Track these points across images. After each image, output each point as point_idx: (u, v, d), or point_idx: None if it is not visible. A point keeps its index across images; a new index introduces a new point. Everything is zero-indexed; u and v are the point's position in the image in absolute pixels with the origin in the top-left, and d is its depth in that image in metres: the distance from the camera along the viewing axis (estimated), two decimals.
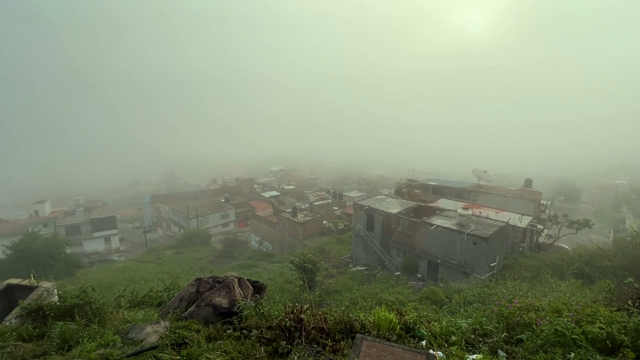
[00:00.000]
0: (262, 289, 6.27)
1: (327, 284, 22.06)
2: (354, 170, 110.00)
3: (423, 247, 24.87)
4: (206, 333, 4.44)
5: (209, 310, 4.99)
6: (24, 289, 6.50)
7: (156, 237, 54.98)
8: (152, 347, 3.94)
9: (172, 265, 31.62)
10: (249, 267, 30.39)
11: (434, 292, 15.96)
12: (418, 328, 4.70)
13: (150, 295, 7.82)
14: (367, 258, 29.13)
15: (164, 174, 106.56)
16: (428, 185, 39.43)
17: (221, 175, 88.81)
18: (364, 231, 29.05)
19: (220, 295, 5.23)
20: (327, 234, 41.41)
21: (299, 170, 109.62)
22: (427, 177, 43.79)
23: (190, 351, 3.93)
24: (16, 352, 4.34)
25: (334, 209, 50.91)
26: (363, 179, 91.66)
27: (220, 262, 34.63)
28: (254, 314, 4.76)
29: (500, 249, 23.07)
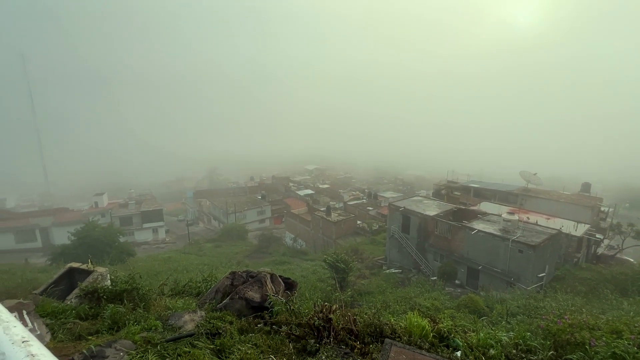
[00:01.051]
0: (294, 285, 6.35)
1: (359, 285, 21.84)
2: (390, 171, 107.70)
3: (462, 252, 23.64)
4: (238, 325, 4.59)
5: (241, 303, 5.16)
6: (82, 272, 7.23)
7: (198, 230, 58.25)
8: (188, 335, 4.16)
9: (211, 258, 33.29)
10: (283, 263, 31.05)
11: (473, 300, 15.09)
12: (453, 337, 4.45)
13: (190, 285, 8.29)
14: (402, 261, 28.37)
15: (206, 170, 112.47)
16: (469, 187, 37.41)
17: (258, 173, 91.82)
18: (399, 233, 28.32)
19: (252, 289, 5.38)
20: (360, 234, 41.02)
21: (333, 170, 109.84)
22: (468, 178, 41.58)
23: (223, 341, 4.09)
24: (74, 328, 4.82)
25: (368, 209, 50.27)
26: (399, 180, 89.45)
27: (255, 257, 35.79)
28: (284, 310, 4.83)
29: (550, 259, 21.22)
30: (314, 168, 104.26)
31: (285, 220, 52.99)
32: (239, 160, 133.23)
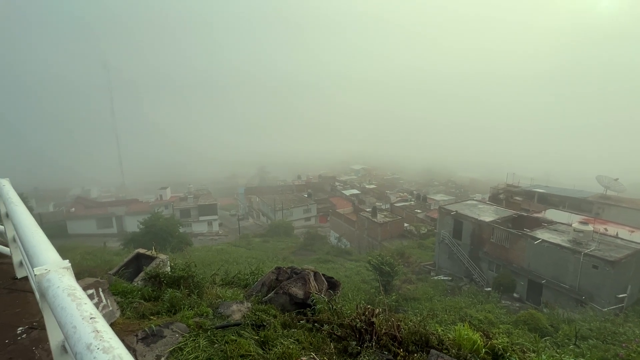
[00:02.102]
0: (337, 285, 6.34)
1: (404, 290, 21.10)
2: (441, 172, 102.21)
3: (523, 263, 21.54)
4: (282, 319, 4.70)
5: (285, 298, 5.29)
6: (147, 258, 8.03)
7: (247, 225, 61.31)
8: (236, 324, 4.37)
9: (259, 252, 34.78)
10: (327, 262, 31.25)
11: (535, 317, 13.63)
12: (509, 356, 4.06)
13: (238, 277, 8.74)
14: (452, 268, 26.76)
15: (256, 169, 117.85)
16: (533, 192, 33.93)
17: (305, 172, 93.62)
18: (449, 238, 26.76)
19: (296, 285, 5.48)
20: (407, 238, 39.60)
21: (380, 170, 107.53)
22: (531, 182, 37.73)
23: (267, 334, 4.22)
24: (139, 307, 5.37)
25: (416, 212, 48.32)
26: (452, 182, 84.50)
27: (300, 253, 36.55)
28: (326, 309, 4.83)
29: (634, 278, 18.34)
30: (361, 168, 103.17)
31: (331, 219, 53.32)
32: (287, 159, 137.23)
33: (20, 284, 3.32)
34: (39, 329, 2.59)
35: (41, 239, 1.56)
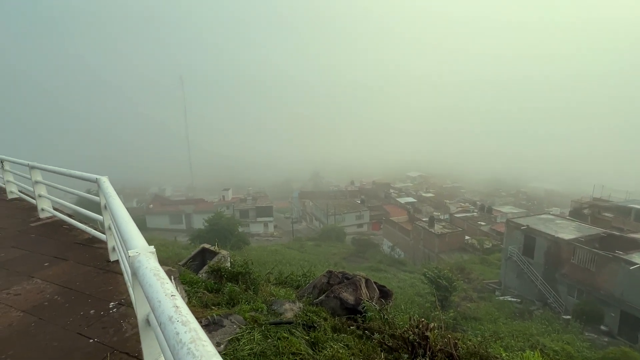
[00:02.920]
0: (389, 294, 6.16)
1: (464, 308, 19.54)
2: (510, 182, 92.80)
3: (614, 291, 18.42)
4: (332, 323, 4.73)
5: (336, 302, 5.31)
6: (211, 253, 8.76)
7: (301, 228, 62.89)
8: (288, 322, 4.52)
9: (311, 255, 35.42)
10: (379, 270, 30.47)
11: (628, 356, 11.52)
12: None
13: (291, 278, 9.04)
14: (521, 289, 24.02)
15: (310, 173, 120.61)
16: (629, 209, 28.91)
17: (359, 178, 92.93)
18: (519, 256, 24.13)
19: (347, 291, 5.47)
20: (468, 252, 36.69)
21: (439, 178, 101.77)
22: (627, 197, 32.20)
23: (318, 335, 4.28)
24: (203, 297, 5.88)
25: (479, 224, 44.58)
26: (522, 193, 76.23)
27: (352, 260, 36.25)
28: (377, 318, 4.73)
29: None
30: (417, 175, 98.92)
31: (384, 227, 51.98)
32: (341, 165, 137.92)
33: (112, 266, 3.91)
34: (126, 305, 3.01)
35: (133, 228, 1.83)
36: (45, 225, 5.70)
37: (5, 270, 3.87)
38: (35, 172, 5.95)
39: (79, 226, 5.40)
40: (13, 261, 4.16)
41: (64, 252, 4.43)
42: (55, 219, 6.05)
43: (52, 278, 3.63)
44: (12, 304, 3.11)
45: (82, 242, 4.79)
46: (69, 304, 3.06)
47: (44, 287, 3.42)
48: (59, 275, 3.70)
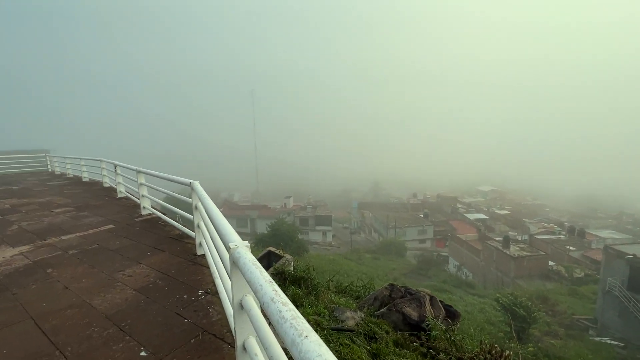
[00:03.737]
0: (456, 315, 5.79)
1: (547, 344, 17.05)
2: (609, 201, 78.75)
3: None
4: (394, 337, 4.64)
5: (398, 316, 5.19)
6: (276, 256, 9.28)
7: (359, 240, 62.16)
8: (349, 330, 4.58)
9: (369, 268, 34.70)
10: (443, 291, 28.39)
11: None
12: None
13: (350, 288, 9.06)
14: (625, 330, 20.07)
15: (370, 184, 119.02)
16: None
17: (422, 190, 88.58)
18: (621, 290, 20.31)
19: (410, 306, 5.31)
20: (553, 280, 32.03)
21: (516, 193, 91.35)
22: None
23: (379, 347, 4.25)
24: None
25: (568, 249, 38.68)
26: (628, 215, 64.11)
27: (413, 277, 34.50)
28: (443, 338, 4.50)
29: None
30: (490, 189, 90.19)
31: (450, 244, 48.41)
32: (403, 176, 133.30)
33: (198, 259, 4.48)
34: (211, 294, 3.44)
35: (228, 225, 2.15)
36: (146, 221, 6.76)
37: (120, 256, 4.73)
38: (140, 176, 7.11)
39: (172, 223, 6.29)
40: (125, 248, 5.05)
41: (161, 244, 5.21)
42: (153, 216, 7.13)
43: (154, 265, 4.32)
44: (127, 283, 3.80)
45: (174, 237, 5.57)
46: (167, 288, 3.62)
47: (148, 272, 4.09)
48: (158, 263, 4.38)
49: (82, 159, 13.62)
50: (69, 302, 3.38)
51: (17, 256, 4.86)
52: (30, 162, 19.35)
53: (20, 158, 19.04)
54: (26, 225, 6.65)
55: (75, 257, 4.74)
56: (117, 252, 4.87)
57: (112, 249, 5.05)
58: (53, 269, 4.31)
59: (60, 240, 5.59)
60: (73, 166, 15.32)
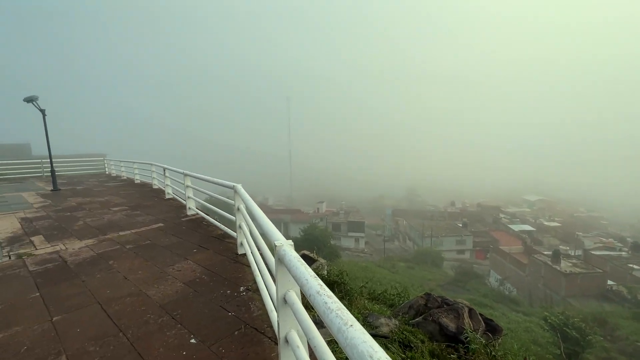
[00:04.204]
0: (497, 330, 5.50)
1: None
2: None
3: None
4: (430, 347, 4.54)
5: (434, 326, 5.06)
6: (310, 259, 9.44)
7: (393, 248, 60.68)
8: (384, 336, 4.56)
9: (403, 277, 33.73)
10: (483, 305, 26.76)
11: None
12: None
13: (384, 295, 8.93)
14: None
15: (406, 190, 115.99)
16: None
17: (461, 199, 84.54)
18: None
19: (447, 317, 5.15)
20: (613, 301, 28.88)
21: (568, 203, 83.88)
22: None
23: (414, 356, 4.18)
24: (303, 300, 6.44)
25: (631, 267, 34.67)
26: None
27: (450, 288, 32.95)
28: (482, 352, 4.31)
29: None
30: (537, 199, 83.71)
31: (491, 256, 45.56)
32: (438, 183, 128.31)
33: (239, 258, 4.74)
34: (252, 291, 3.64)
35: (272, 225, 2.31)
36: (191, 221, 7.26)
37: (170, 252, 5.14)
38: (187, 179, 7.67)
39: (215, 223, 6.69)
40: (173, 245, 5.48)
41: (205, 242, 5.58)
42: (198, 216, 7.63)
43: (199, 261, 4.65)
44: (176, 276, 4.14)
45: (217, 237, 5.94)
46: (212, 283, 3.89)
47: (194, 268, 4.42)
48: (203, 260, 4.70)
49: (134, 162, 14.92)
50: (128, 290, 3.77)
51: (83, 248, 5.48)
52: (91, 164, 21.50)
53: (83, 161, 21.25)
54: (90, 221, 7.45)
55: (131, 251, 5.24)
56: (167, 249, 5.31)
57: (162, 245, 5.51)
58: (114, 260, 4.81)
59: (118, 235, 6.20)
60: (127, 169, 16.79)
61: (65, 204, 9.64)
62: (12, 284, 4.04)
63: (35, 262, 4.83)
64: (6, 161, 19.31)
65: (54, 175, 12.98)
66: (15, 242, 5.86)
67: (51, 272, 4.40)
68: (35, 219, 7.70)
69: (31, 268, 4.58)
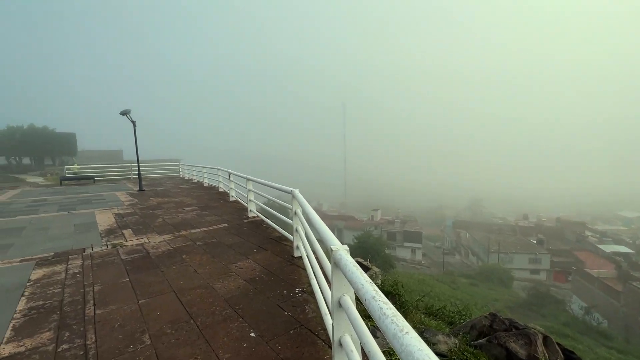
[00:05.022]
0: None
1: None
2: None
3: None
4: None
5: (500, 351, 4.59)
6: (363, 266, 9.33)
7: (453, 262, 56.58)
8: (442, 354, 4.30)
9: (464, 294, 31.19)
10: (563, 335, 23.34)
11: None
12: None
13: (442, 311, 8.39)
14: None
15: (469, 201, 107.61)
16: None
17: (535, 212, 75.45)
18: None
19: (517, 342, 4.64)
20: None
21: None
22: None
23: None
24: None
25: None
26: None
27: (520, 312, 29.48)
28: None
29: None
30: (636, 216, 70.68)
31: (574, 279, 39.60)
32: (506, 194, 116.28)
33: (295, 260, 4.93)
34: (307, 293, 3.76)
35: (328, 230, 2.38)
36: (252, 223, 7.75)
37: (233, 251, 5.57)
38: (249, 183, 8.22)
39: (273, 226, 7.05)
40: (236, 245, 5.92)
41: (264, 244, 5.92)
42: (258, 218, 8.11)
43: (259, 261, 4.95)
44: (239, 273, 4.47)
45: (275, 239, 6.25)
46: (270, 282, 4.11)
47: (254, 266, 4.72)
48: (262, 260, 4.99)
49: (204, 167, 16.49)
50: (198, 283, 4.18)
51: (162, 242, 6.22)
52: (168, 168, 24.31)
53: (162, 165, 24.15)
54: (167, 219, 8.43)
55: (200, 247, 5.80)
56: (230, 247, 5.75)
57: (227, 243, 5.99)
58: (186, 255, 5.38)
59: (190, 233, 6.91)
60: (197, 173, 18.62)
61: (148, 203, 11.05)
62: (109, 269, 4.78)
63: (126, 251, 5.64)
64: (105, 165, 22.94)
65: (140, 177, 15.00)
66: (111, 234, 6.91)
67: (137, 262, 5.10)
68: (125, 215, 8.98)
69: (123, 257, 5.36)
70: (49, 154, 38.13)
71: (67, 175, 19.47)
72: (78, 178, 19.11)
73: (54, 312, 3.44)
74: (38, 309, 3.53)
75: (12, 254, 5.62)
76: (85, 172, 20.61)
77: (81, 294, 3.89)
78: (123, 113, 13.99)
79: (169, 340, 2.88)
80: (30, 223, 8.18)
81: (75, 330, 3.08)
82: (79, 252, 5.66)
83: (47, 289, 4.08)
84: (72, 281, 4.31)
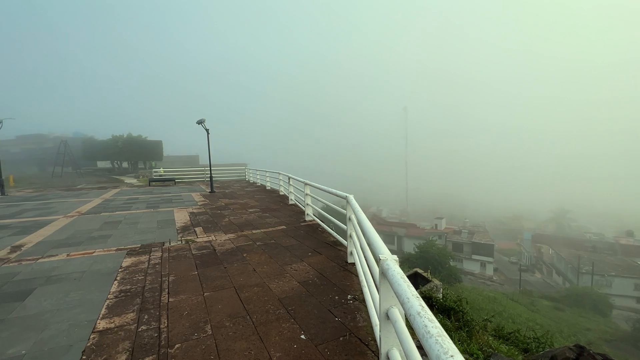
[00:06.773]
0: None
1: None
2: None
3: None
4: None
5: None
6: (422, 278, 8.80)
7: (532, 280, 50.00)
8: None
9: (545, 318, 27.28)
10: None
11: None
12: None
13: (516, 336, 7.46)
14: None
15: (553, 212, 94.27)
16: None
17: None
18: None
19: None
20: None
21: None
22: None
23: None
24: None
25: None
26: None
27: (622, 347, 24.65)
28: None
29: None
30: None
31: None
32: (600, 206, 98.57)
33: (349, 266, 4.89)
34: (359, 301, 3.69)
35: (378, 238, 2.31)
36: (308, 226, 7.93)
37: (289, 252, 5.76)
38: (307, 187, 8.43)
39: (328, 230, 7.11)
40: (292, 247, 6.11)
41: (319, 247, 6.00)
42: (314, 222, 8.27)
43: (313, 265, 5.03)
44: (293, 275, 4.60)
45: (329, 243, 6.28)
46: (322, 287, 4.14)
47: (308, 270, 4.80)
48: (316, 264, 5.06)
49: (266, 171, 17.46)
50: (255, 281, 4.42)
51: (227, 241, 6.74)
52: (236, 172, 26.32)
53: (231, 169, 26.26)
54: (233, 219, 9.11)
55: (260, 247, 6.13)
56: (287, 249, 5.96)
57: (284, 245, 6.23)
58: (247, 254, 5.74)
59: (251, 233, 7.36)
60: (261, 177, 19.80)
61: (217, 204, 12.10)
62: (182, 262, 5.34)
63: (196, 247, 6.25)
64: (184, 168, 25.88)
65: (211, 180, 16.54)
66: (185, 230, 7.73)
67: (205, 257, 5.60)
68: (198, 214, 9.96)
69: (194, 252, 5.94)
70: (142, 159, 44.58)
71: (154, 178, 22.51)
72: (163, 180, 21.92)
73: (137, 296, 3.97)
74: (125, 293, 4.11)
75: (111, 243, 6.67)
76: (168, 175, 23.58)
77: (159, 283, 4.41)
78: (199, 122, 15.63)
79: (227, 333, 3.09)
80: (125, 218, 9.62)
81: (153, 314, 3.50)
82: (160, 245, 6.45)
83: (133, 275, 4.73)
84: (152, 270, 4.93)
